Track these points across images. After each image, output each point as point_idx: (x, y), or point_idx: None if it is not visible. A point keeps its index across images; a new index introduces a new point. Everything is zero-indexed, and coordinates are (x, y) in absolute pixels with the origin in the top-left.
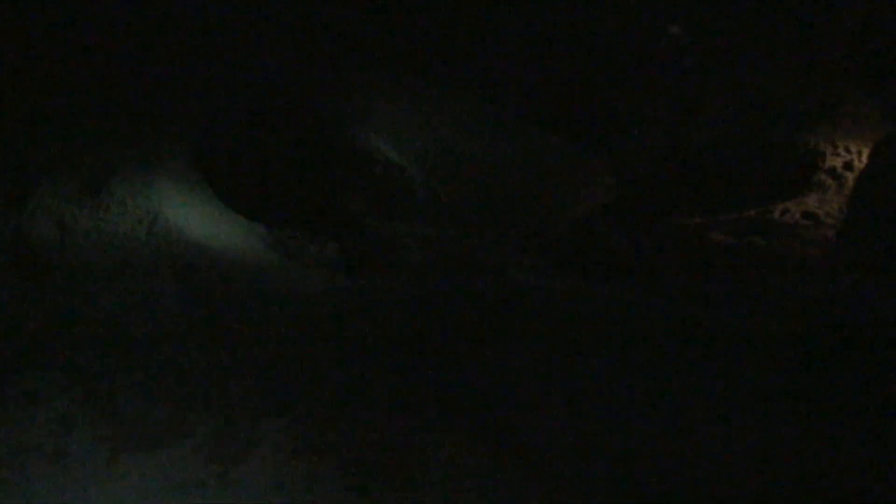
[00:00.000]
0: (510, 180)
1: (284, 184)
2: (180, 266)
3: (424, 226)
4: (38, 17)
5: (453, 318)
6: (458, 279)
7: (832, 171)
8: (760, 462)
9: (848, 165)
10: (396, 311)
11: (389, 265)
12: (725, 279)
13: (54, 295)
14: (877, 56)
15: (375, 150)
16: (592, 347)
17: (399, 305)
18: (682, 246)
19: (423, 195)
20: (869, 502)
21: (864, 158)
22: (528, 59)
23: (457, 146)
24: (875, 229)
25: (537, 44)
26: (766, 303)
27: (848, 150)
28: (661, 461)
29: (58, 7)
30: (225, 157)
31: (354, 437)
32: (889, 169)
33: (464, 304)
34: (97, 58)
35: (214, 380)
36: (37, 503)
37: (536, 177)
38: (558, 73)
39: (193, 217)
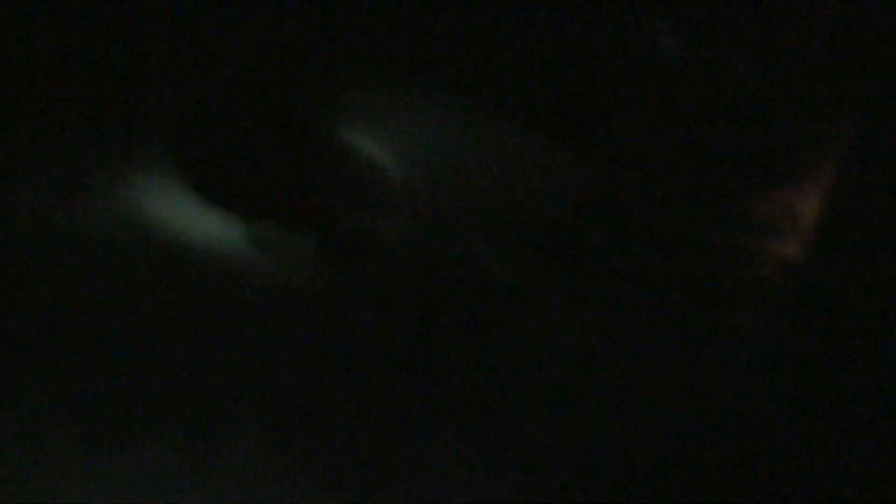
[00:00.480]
0: (494, 177)
1: (262, 178)
2: (156, 261)
3: (405, 221)
4: (5, 11)
5: (434, 316)
6: (439, 276)
7: (814, 164)
8: (752, 465)
9: (828, 158)
10: (376, 308)
11: (368, 261)
12: (708, 276)
13: (29, 292)
14: (858, 45)
15: (353, 144)
16: (577, 346)
17: (379, 302)
18: (666, 243)
19: (403, 190)
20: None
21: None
22: (512, 56)
23: (439, 141)
24: (857, 220)
25: (521, 40)
26: (750, 300)
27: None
28: (650, 462)
29: (27, 2)
30: (202, 151)
31: (334, 437)
32: (871, 156)
33: (445, 302)
34: (70, 51)
35: (192, 377)
36: (11, 500)
37: (520, 174)
38: (543, 70)
39: (170, 212)
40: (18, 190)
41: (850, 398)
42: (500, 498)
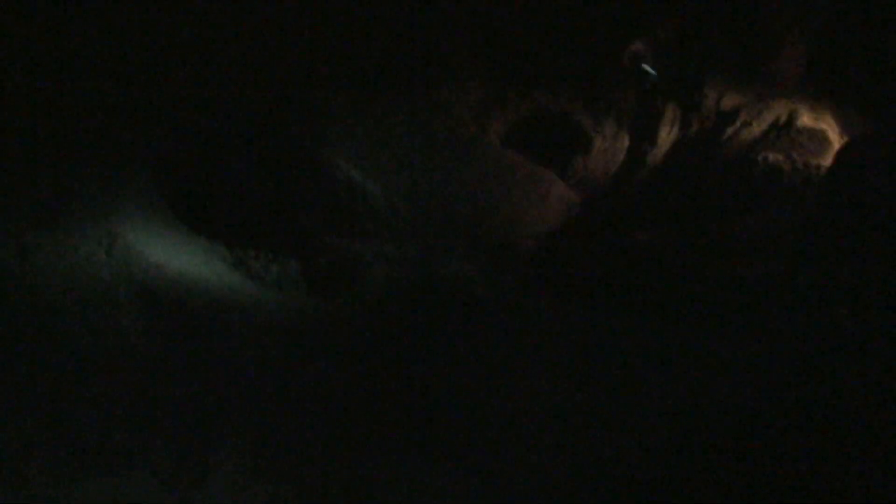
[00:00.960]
0: (474, 198)
1: (246, 203)
2: (139, 288)
3: (387, 244)
4: None
5: (416, 338)
6: (421, 298)
7: (791, 188)
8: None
9: (807, 181)
10: (358, 333)
11: (351, 284)
12: (686, 297)
13: (13, 318)
14: (833, 71)
15: (336, 168)
16: (556, 364)
17: (360, 326)
18: (642, 263)
19: (385, 213)
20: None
21: (823, 173)
22: (490, 78)
23: (420, 164)
24: (836, 238)
25: (500, 64)
26: (727, 322)
27: (807, 166)
28: (626, 474)
29: (18, 25)
30: (186, 178)
31: (314, 460)
32: (851, 173)
33: (427, 324)
34: (55, 78)
35: (173, 404)
36: None
37: (500, 194)
38: (521, 92)
39: (154, 238)
40: (3, 219)
41: (840, 408)
42: None
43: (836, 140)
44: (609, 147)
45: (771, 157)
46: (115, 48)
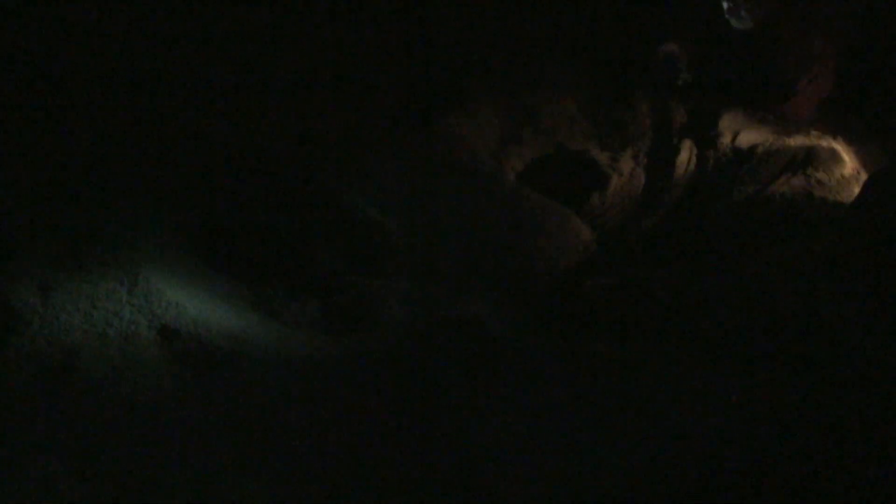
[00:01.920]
0: (491, 234)
1: (266, 242)
2: (161, 327)
3: (405, 281)
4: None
5: (432, 376)
6: (439, 337)
7: (809, 224)
8: None
9: (826, 217)
10: (375, 370)
11: (370, 323)
12: (704, 334)
13: (34, 357)
14: (852, 107)
15: (354, 206)
16: (572, 402)
17: (378, 364)
18: (659, 300)
19: (403, 251)
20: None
21: (842, 209)
22: (507, 114)
23: (437, 200)
24: (858, 274)
25: (517, 99)
26: (748, 359)
27: (825, 202)
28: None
29: (35, 62)
30: (207, 217)
31: (337, 499)
32: (873, 209)
33: (443, 362)
34: (76, 118)
35: (196, 442)
36: None
37: (516, 231)
38: (537, 129)
39: (175, 277)
40: (22, 257)
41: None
42: None
43: (854, 176)
44: (626, 184)
45: (788, 193)
46: (137, 89)
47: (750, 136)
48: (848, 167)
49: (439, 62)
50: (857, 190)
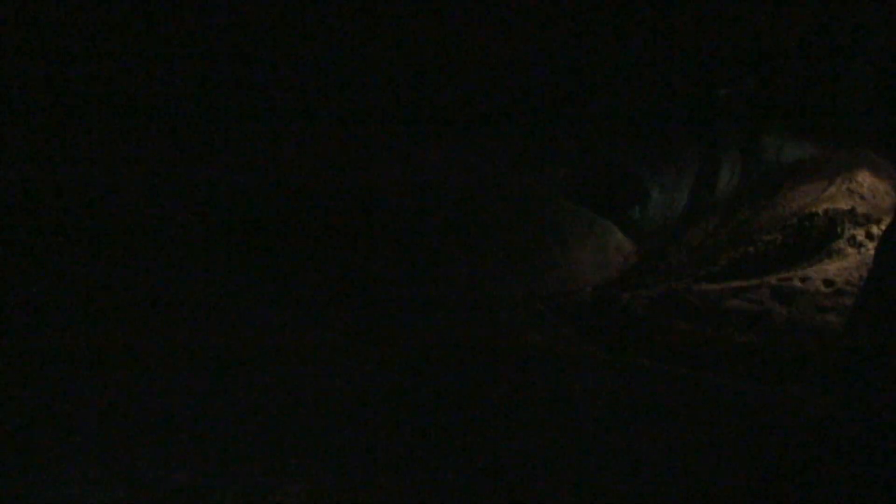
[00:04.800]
0: (532, 246)
1: (307, 253)
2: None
3: (447, 289)
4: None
5: (471, 383)
6: (480, 345)
7: (852, 240)
8: None
9: (869, 234)
10: (415, 376)
11: (411, 330)
12: (742, 347)
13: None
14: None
15: (398, 217)
16: (611, 414)
17: (418, 370)
18: (701, 313)
19: (444, 261)
20: None
21: (883, 227)
22: (557, 132)
23: (479, 212)
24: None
25: (560, 114)
26: (782, 374)
27: (868, 219)
28: None
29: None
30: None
31: (375, 500)
32: None
33: (485, 370)
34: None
35: (235, 445)
36: None
37: (558, 244)
38: (580, 143)
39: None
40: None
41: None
42: None
43: None
44: (667, 197)
45: (831, 209)
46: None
47: (794, 150)
48: (890, 183)
49: (485, 77)
50: None
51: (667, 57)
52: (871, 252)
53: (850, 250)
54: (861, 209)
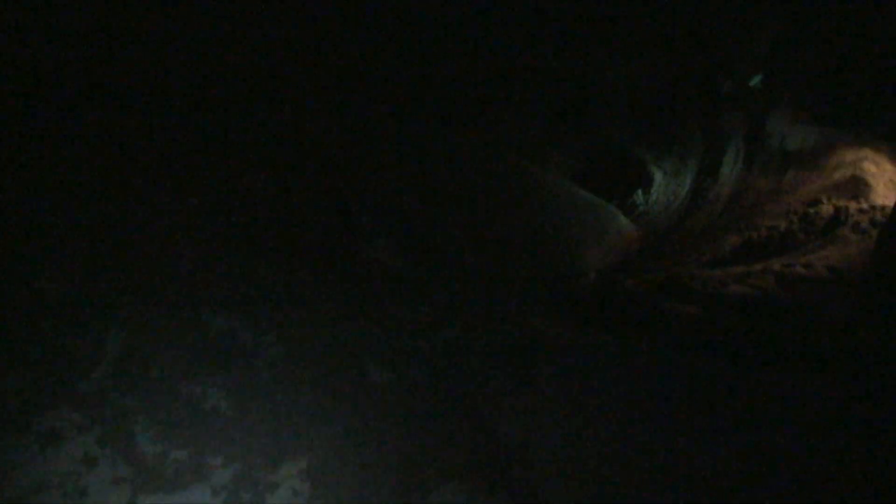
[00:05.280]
0: (534, 231)
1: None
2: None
3: (450, 271)
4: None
5: (473, 367)
6: (481, 331)
7: (856, 227)
8: None
9: (873, 221)
10: (416, 359)
11: (414, 310)
12: (745, 334)
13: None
14: None
15: (402, 203)
16: (616, 402)
17: (422, 359)
18: (704, 300)
19: (444, 246)
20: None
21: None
22: (552, 113)
23: (481, 198)
24: None
25: (561, 99)
26: (784, 358)
27: (873, 208)
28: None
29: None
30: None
31: (373, 483)
32: None
33: (486, 357)
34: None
35: (234, 423)
36: None
37: (559, 228)
38: (582, 127)
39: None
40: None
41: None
42: None
43: None
44: (670, 182)
45: (835, 198)
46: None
47: (798, 139)
48: (894, 171)
49: (488, 65)
50: None
51: (672, 43)
52: (875, 239)
53: (854, 237)
54: (865, 197)
